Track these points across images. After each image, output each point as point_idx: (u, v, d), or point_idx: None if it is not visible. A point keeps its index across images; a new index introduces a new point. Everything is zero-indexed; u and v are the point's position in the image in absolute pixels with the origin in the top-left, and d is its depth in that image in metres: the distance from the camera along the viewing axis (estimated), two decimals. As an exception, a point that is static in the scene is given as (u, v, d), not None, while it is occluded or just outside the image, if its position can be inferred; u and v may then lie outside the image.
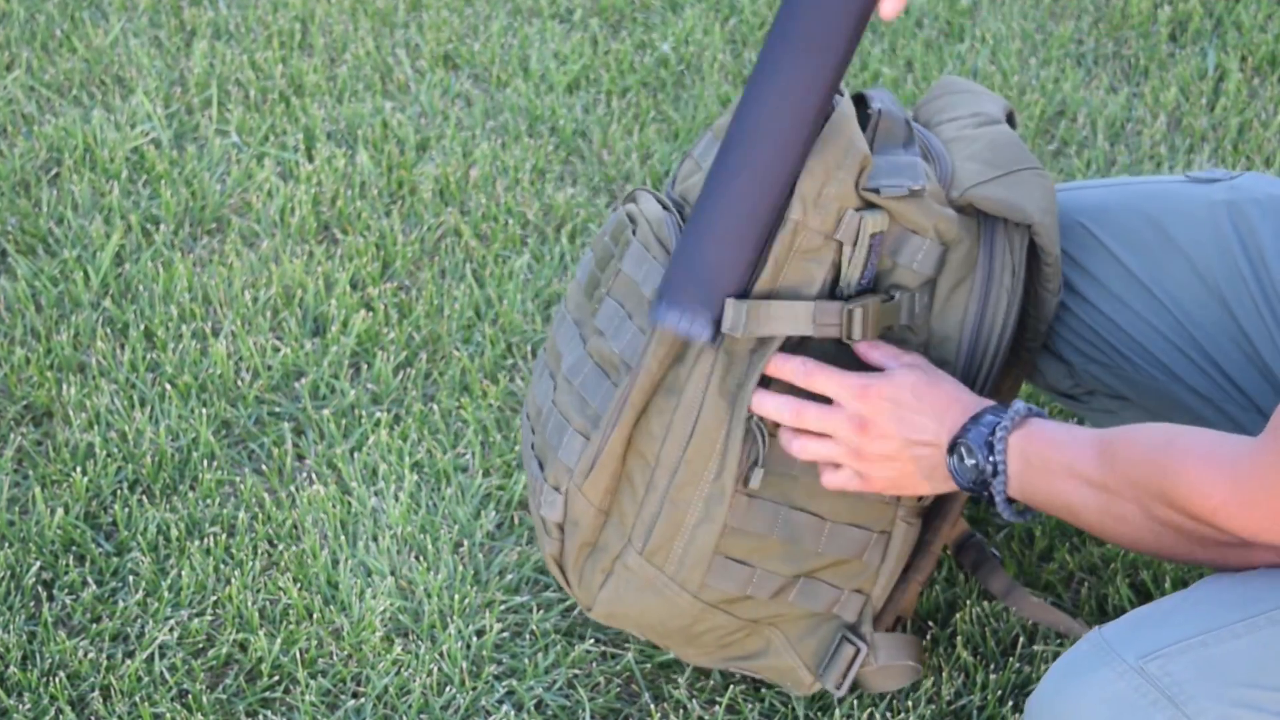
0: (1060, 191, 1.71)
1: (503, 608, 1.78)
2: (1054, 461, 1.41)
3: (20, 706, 1.66)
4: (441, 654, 1.73)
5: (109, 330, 2.10)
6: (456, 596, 1.77)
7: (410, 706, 1.68)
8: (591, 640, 1.75)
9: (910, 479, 1.52)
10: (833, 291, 1.51)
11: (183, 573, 1.79)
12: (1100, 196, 1.65)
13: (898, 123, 1.57)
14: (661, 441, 1.53)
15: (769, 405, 1.51)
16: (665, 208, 1.58)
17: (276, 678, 1.71)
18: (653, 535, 1.55)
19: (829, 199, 1.48)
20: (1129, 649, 1.30)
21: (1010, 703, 1.70)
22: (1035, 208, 1.54)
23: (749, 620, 1.61)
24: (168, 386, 2.01)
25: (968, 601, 1.77)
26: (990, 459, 1.45)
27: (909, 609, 1.68)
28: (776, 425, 1.53)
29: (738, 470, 1.53)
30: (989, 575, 1.75)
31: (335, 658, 1.73)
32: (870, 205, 1.50)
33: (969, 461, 1.46)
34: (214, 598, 1.78)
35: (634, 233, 1.58)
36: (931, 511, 1.63)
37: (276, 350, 2.08)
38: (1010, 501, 1.47)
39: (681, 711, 1.69)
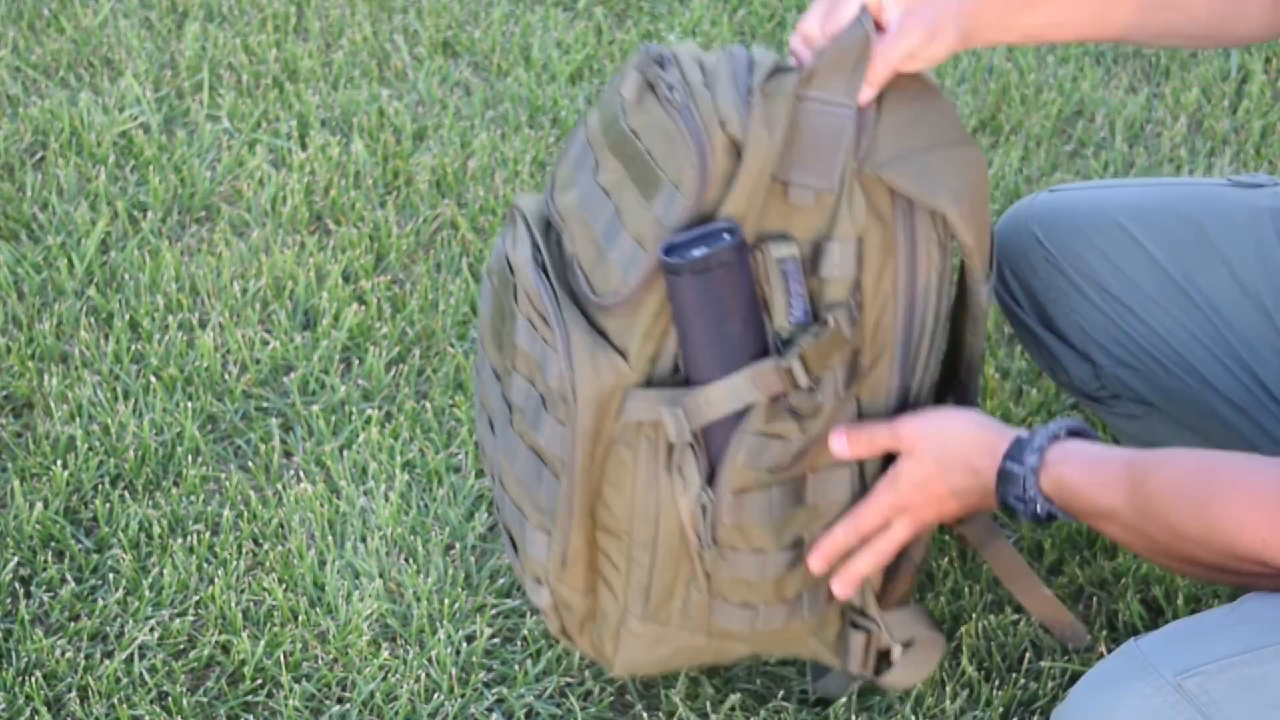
0: (1100, 189, 1.70)
1: (494, 612, 1.77)
2: (1086, 503, 1.39)
3: (-7, 707, 1.66)
4: (430, 659, 1.72)
5: (93, 320, 2.10)
6: (446, 600, 1.76)
7: (397, 713, 1.67)
8: (586, 648, 1.73)
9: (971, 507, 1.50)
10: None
11: (164, 571, 1.78)
12: (1140, 196, 1.65)
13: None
14: (629, 520, 1.51)
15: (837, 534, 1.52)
16: (536, 247, 1.52)
17: (259, 681, 1.70)
18: (650, 600, 1.54)
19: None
20: (1166, 664, 1.28)
21: (1015, 719, 1.68)
22: (950, 195, 1.41)
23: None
24: (152, 379, 2.01)
25: (973, 614, 1.76)
26: (1039, 510, 1.42)
27: (906, 597, 1.64)
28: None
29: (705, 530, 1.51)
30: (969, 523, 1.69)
31: (320, 661, 1.72)
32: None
33: (1023, 512, 1.44)
34: (196, 598, 1.77)
35: (515, 298, 1.52)
36: None
37: (265, 343, 2.08)
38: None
39: (678, 724, 1.66)
